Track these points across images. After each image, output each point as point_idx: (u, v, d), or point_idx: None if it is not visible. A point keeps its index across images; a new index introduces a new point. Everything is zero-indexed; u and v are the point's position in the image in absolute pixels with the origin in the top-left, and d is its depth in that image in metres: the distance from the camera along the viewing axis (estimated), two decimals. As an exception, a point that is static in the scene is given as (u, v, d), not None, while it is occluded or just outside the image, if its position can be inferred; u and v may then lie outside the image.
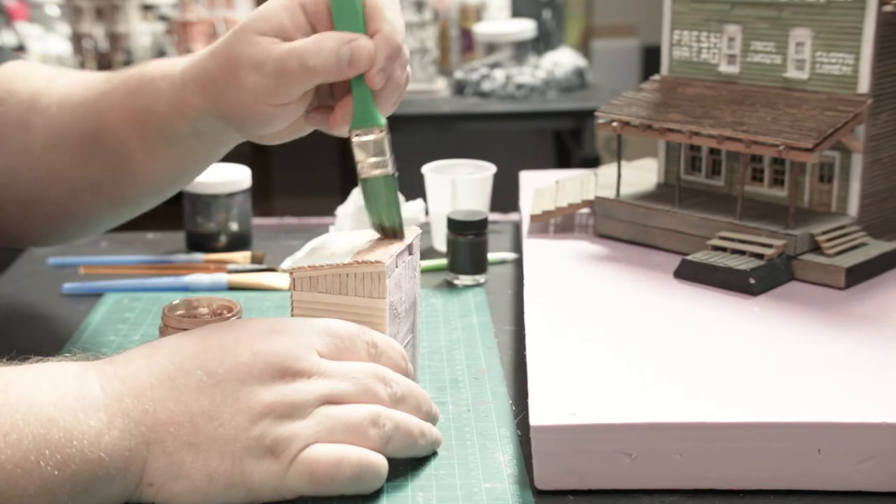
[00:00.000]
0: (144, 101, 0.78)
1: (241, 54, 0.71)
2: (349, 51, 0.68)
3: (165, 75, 0.77)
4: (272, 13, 0.71)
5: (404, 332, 0.73)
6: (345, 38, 0.69)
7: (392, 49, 0.70)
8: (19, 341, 0.83)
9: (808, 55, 0.91)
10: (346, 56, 0.68)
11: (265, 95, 0.70)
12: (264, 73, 0.69)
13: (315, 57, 0.68)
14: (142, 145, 0.80)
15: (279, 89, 0.70)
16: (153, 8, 2.85)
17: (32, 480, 0.54)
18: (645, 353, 0.72)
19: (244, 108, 0.72)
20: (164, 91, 0.77)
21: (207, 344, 0.61)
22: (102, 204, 0.86)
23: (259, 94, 0.70)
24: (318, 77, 0.69)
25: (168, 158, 0.82)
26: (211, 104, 0.74)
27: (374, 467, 0.60)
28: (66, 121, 0.83)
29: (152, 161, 0.82)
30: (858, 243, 0.88)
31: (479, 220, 0.96)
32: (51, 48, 2.92)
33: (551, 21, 2.70)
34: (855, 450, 0.60)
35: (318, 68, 0.68)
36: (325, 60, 0.68)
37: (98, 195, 0.85)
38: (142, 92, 0.79)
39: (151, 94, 0.78)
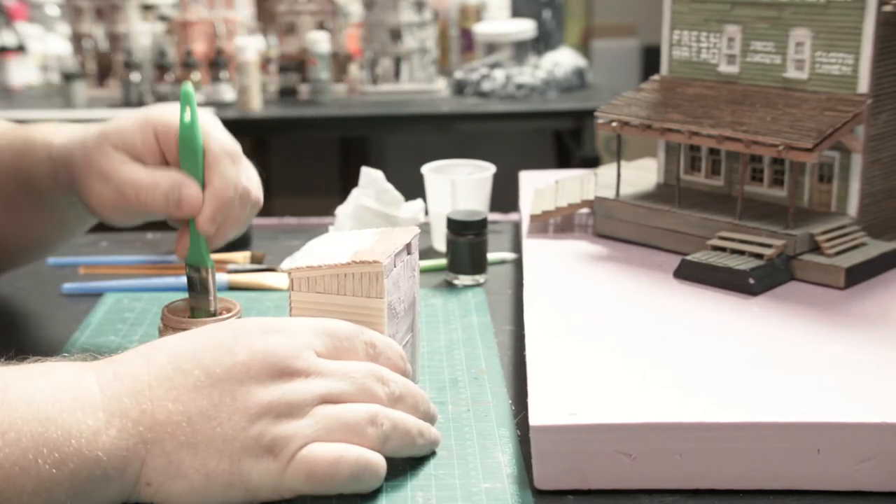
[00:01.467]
0: (27, 165, 0.84)
1: (94, 161, 0.77)
2: (178, 197, 0.75)
3: (45, 145, 0.83)
4: (127, 131, 0.77)
5: (403, 332, 0.73)
6: (178, 182, 0.75)
7: (219, 203, 0.75)
8: (19, 341, 0.83)
9: (808, 55, 0.91)
10: (174, 200, 0.75)
11: (107, 209, 0.77)
12: (109, 188, 0.76)
13: (148, 194, 0.75)
14: (27, 206, 0.85)
15: (121, 206, 0.77)
16: (153, 8, 2.85)
17: (30, 479, 0.54)
18: (645, 352, 0.72)
19: (94, 210, 0.79)
20: (42, 161, 0.82)
21: (206, 344, 0.61)
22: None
23: (103, 206, 0.77)
24: (151, 211, 0.76)
25: (49, 218, 0.87)
26: (73, 187, 0.80)
27: (373, 466, 0.60)
28: None
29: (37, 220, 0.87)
30: (858, 243, 0.88)
31: (478, 220, 0.96)
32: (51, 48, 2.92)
33: (551, 21, 2.70)
34: (855, 450, 0.60)
35: (149, 204, 0.75)
36: (156, 200, 0.75)
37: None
38: (25, 156, 0.84)
39: (33, 160, 0.83)
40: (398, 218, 1.03)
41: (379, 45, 2.57)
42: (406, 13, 2.55)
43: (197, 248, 0.76)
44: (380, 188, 1.03)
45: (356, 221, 1.03)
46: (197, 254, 0.76)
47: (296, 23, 2.67)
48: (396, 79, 2.60)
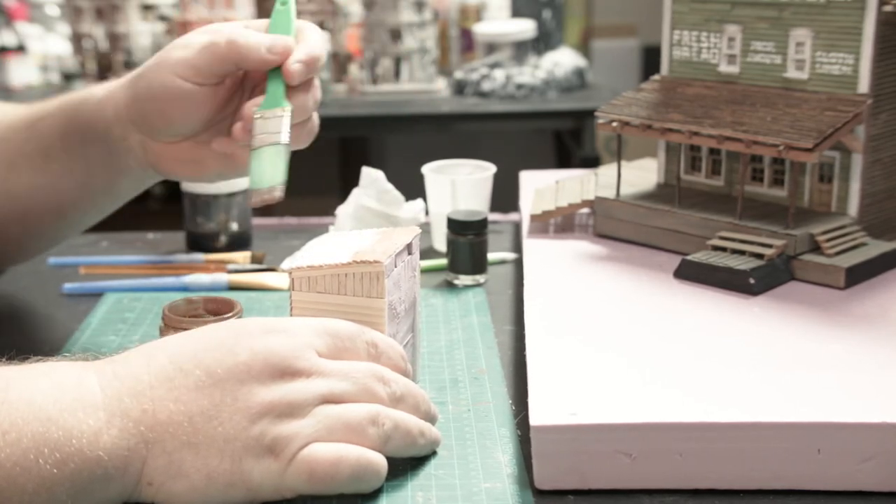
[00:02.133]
0: (73, 106, 0.84)
1: (175, 42, 0.80)
2: (272, 40, 0.78)
3: (104, 84, 0.84)
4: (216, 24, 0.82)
5: (404, 332, 0.73)
6: (272, 35, 0.79)
7: (312, 53, 0.78)
8: (19, 341, 0.83)
9: (808, 55, 0.91)
10: (268, 42, 0.77)
11: (186, 69, 0.78)
12: (191, 50, 0.78)
13: (242, 37, 0.77)
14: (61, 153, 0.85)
15: (202, 64, 0.77)
16: (153, 8, 2.85)
17: (31, 479, 0.54)
18: (645, 352, 0.72)
19: (162, 87, 0.78)
20: (94, 93, 0.84)
21: (207, 343, 0.61)
22: (12, 223, 0.88)
23: (181, 68, 0.78)
24: (241, 58, 0.77)
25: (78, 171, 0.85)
26: (131, 93, 0.80)
27: (374, 466, 0.60)
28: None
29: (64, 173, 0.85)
30: (858, 243, 0.88)
31: (479, 220, 0.96)
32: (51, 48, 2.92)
33: (551, 21, 2.70)
34: (855, 450, 0.60)
35: (241, 46, 0.77)
36: (249, 40, 0.77)
37: (9, 212, 0.87)
38: (76, 100, 0.85)
39: (84, 98, 0.84)
40: (398, 218, 1.03)
41: (379, 45, 2.57)
42: (406, 13, 2.55)
43: (274, 94, 0.77)
44: (380, 188, 1.03)
45: (356, 221, 1.04)
46: (274, 98, 0.77)
47: (296, 23, 2.67)
48: (396, 79, 2.60)
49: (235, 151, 0.80)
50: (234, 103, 0.82)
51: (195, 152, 0.82)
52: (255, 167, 0.74)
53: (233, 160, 0.81)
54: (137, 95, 0.80)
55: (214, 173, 0.84)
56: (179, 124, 0.80)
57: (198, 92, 0.78)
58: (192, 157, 0.82)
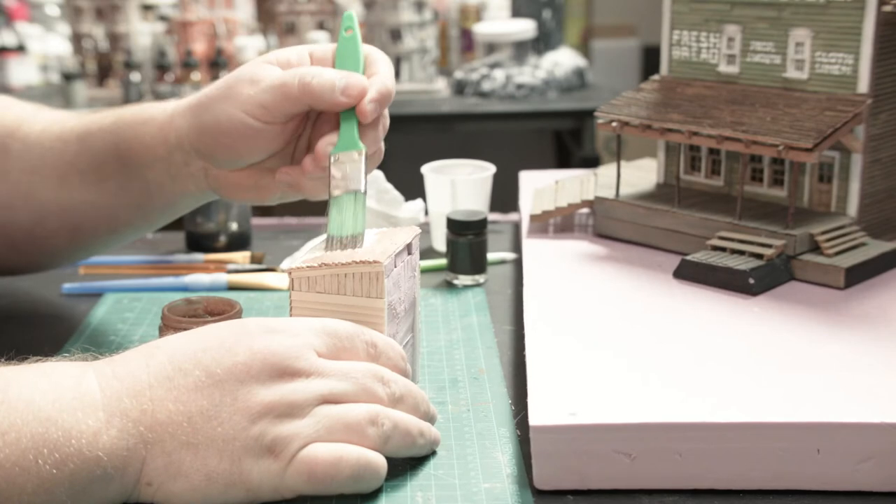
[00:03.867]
0: (131, 128, 0.82)
1: (243, 73, 0.77)
2: (345, 80, 0.74)
3: (160, 106, 0.82)
4: (283, 52, 0.78)
5: (404, 332, 0.73)
6: (344, 72, 0.76)
7: (385, 91, 0.76)
8: (19, 341, 0.83)
9: (808, 55, 0.91)
10: (342, 84, 0.74)
11: (256, 108, 0.75)
12: (262, 87, 0.75)
13: (314, 77, 0.74)
14: (116, 172, 0.83)
15: (273, 104, 0.75)
16: (153, 8, 2.85)
17: (31, 479, 0.54)
18: (644, 353, 0.72)
19: (230, 121, 0.76)
20: (154, 115, 0.81)
21: (206, 344, 0.61)
22: (63, 233, 0.87)
23: (250, 106, 0.75)
24: (313, 99, 0.74)
25: (135, 191, 0.83)
26: (195, 122, 0.78)
27: (373, 466, 0.60)
28: (47, 146, 0.85)
29: (120, 191, 0.84)
30: (858, 243, 0.88)
31: (478, 220, 0.96)
32: (51, 48, 2.93)
33: (551, 21, 2.70)
34: (855, 450, 0.60)
35: (314, 89, 0.74)
36: (322, 83, 0.74)
37: (61, 223, 0.86)
38: (133, 119, 0.82)
39: (142, 118, 0.82)
40: (398, 218, 1.03)
41: (379, 45, 2.57)
42: (406, 13, 2.55)
43: (349, 135, 0.75)
44: (380, 188, 1.03)
45: (356, 221, 1.03)
46: (349, 139, 0.75)
47: (296, 23, 2.68)
48: (396, 79, 2.60)
49: (301, 181, 0.78)
50: (300, 131, 0.80)
51: (259, 179, 0.80)
52: (335, 215, 0.73)
53: (297, 187, 0.79)
54: (203, 127, 0.77)
55: (276, 198, 0.82)
56: (246, 157, 0.78)
57: (267, 129, 0.76)
58: (256, 184, 0.80)
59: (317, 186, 0.77)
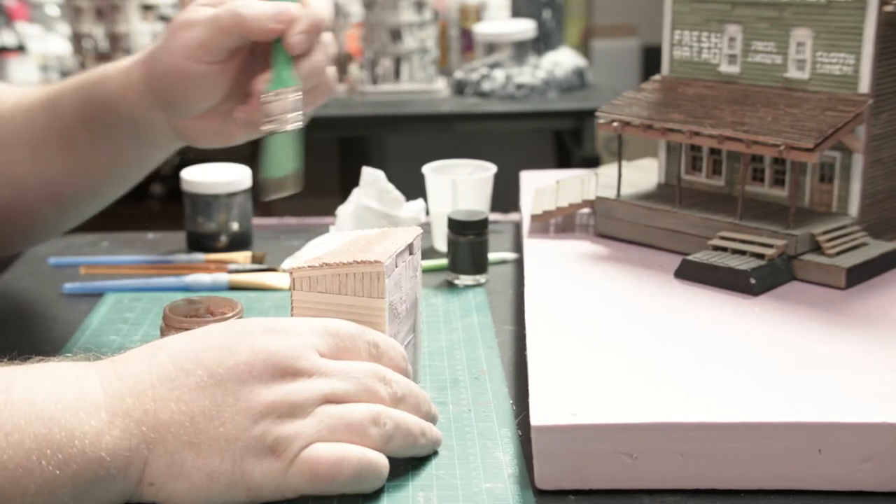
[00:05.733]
0: (93, 89, 0.84)
1: (179, 20, 0.79)
2: (275, 7, 0.76)
3: (117, 64, 0.84)
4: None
5: (405, 332, 0.73)
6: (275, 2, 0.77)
7: (314, 20, 0.77)
8: (20, 341, 0.83)
9: (809, 55, 0.91)
10: (271, 11, 0.76)
11: (196, 49, 0.77)
12: (197, 28, 0.77)
13: (244, 8, 0.76)
14: (86, 134, 0.85)
15: (209, 41, 0.77)
16: (153, 8, 2.84)
17: (34, 480, 0.54)
18: (645, 353, 0.72)
19: (174, 70, 0.78)
20: (111, 76, 0.84)
21: (208, 343, 0.61)
22: (46, 204, 0.89)
23: (189, 49, 0.77)
24: (246, 30, 0.76)
25: (107, 151, 0.86)
26: (148, 76, 0.80)
27: (375, 466, 0.60)
28: (20, 121, 0.87)
29: (93, 153, 0.86)
30: (859, 243, 0.88)
31: (479, 220, 0.96)
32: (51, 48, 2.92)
33: (551, 21, 2.69)
34: (855, 450, 0.60)
35: (245, 19, 0.76)
36: (252, 11, 0.76)
37: (43, 194, 0.88)
38: (92, 81, 0.85)
39: (101, 80, 0.84)
40: (399, 218, 1.03)
41: (379, 45, 2.57)
42: (406, 13, 2.54)
43: (281, 72, 0.75)
44: (380, 188, 1.03)
45: (356, 221, 1.03)
46: (282, 76, 0.75)
47: (296, 23, 2.67)
48: (396, 79, 2.60)
49: (257, 119, 0.80)
50: (249, 69, 0.82)
51: (220, 123, 0.83)
52: (267, 157, 0.74)
53: (255, 125, 0.81)
54: (154, 79, 0.80)
55: (243, 138, 0.85)
56: (198, 102, 0.81)
57: (210, 70, 0.78)
58: (219, 129, 0.83)
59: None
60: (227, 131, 0.83)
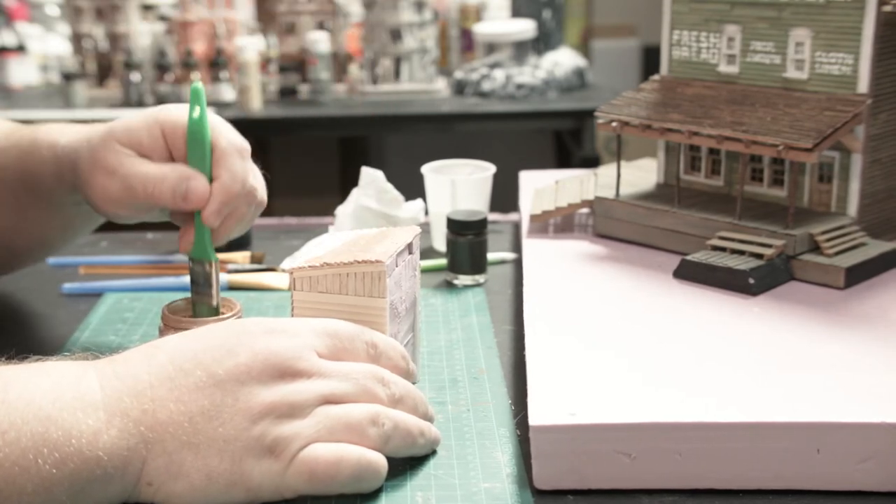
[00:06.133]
0: (33, 165, 0.83)
1: (100, 157, 0.77)
2: (185, 189, 0.74)
3: (51, 145, 0.83)
4: (134, 128, 0.77)
5: (405, 331, 0.73)
6: (186, 175, 0.75)
7: (226, 197, 0.75)
8: (19, 341, 0.83)
9: (808, 55, 0.91)
10: (181, 193, 0.74)
11: (112, 204, 0.77)
12: (114, 182, 0.76)
13: (155, 187, 0.75)
14: (33, 203, 0.85)
15: (125, 200, 0.76)
16: (153, 8, 2.85)
17: (30, 478, 0.54)
18: (644, 352, 0.72)
19: (96, 206, 0.78)
20: (47, 160, 0.82)
21: (207, 344, 0.61)
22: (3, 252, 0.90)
23: (108, 201, 0.77)
24: (157, 204, 0.75)
25: (53, 213, 0.87)
26: (78, 186, 0.79)
27: (374, 466, 0.60)
28: None
29: (43, 219, 0.87)
30: (858, 243, 0.88)
31: (478, 220, 0.96)
32: (51, 48, 2.92)
33: (551, 21, 2.70)
34: (854, 450, 0.60)
35: (156, 197, 0.75)
36: (164, 192, 0.74)
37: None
38: (31, 156, 0.84)
39: (39, 160, 0.83)
40: (398, 218, 1.03)
41: (379, 45, 2.57)
42: (406, 13, 2.55)
43: (201, 242, 0.76)
44: (380, 188, 1.03)
45: (356, 221, 1.04)
46: (201, 248, 0.76)
47: (296, 23, 2.67)
48: (396, 79, 2.60)
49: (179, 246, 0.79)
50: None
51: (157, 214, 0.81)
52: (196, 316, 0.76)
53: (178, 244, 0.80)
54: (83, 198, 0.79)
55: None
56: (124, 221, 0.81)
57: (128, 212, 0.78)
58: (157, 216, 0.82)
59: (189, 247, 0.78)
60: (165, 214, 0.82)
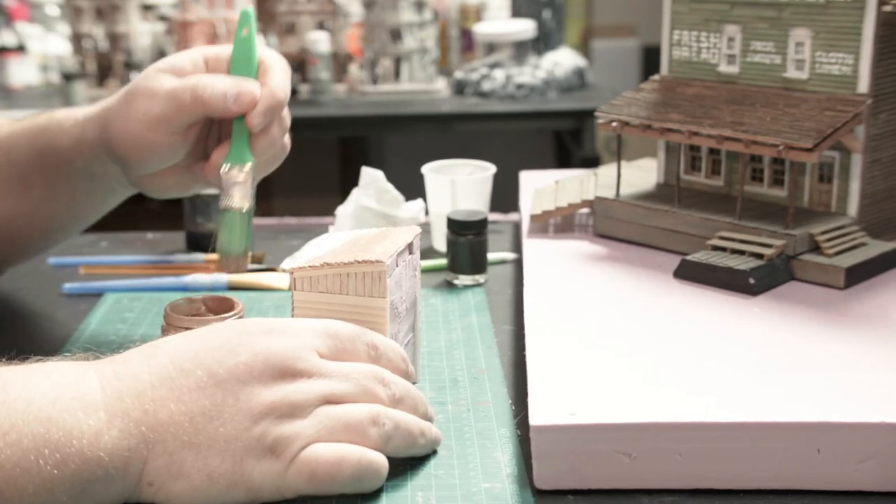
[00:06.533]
0: (47, 138, 0.84)
1: (139, 87, 0.78)
2: (237, 91, 0.76)
3: (69, 116, 0.84)
4: (176, 59, 0.80)
5: (405, 331, 0.73)
6: (236, 80, 0.78)
7: (274, 102, 0.77)
8: (19, 341, 0.83)
9: (808, 55, 0.91)
10: (233, 94, 0.76)
11: (155, 122, 0.77)
12: (157, 100, 0.77)
13: (205, 89, 0.76)
14: (41, 180, 0.85)
15: (170, 117, 0.76)
16: (153, 8, 2.85)
17: (32, 479, 0.54)
18: (645, 352, 0.72)
19: (133, 138, 0.78)
20: (66, 129, 0.83)
21: (208, 344, 0.61)
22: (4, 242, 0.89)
23: (150, 121, 0.77)
24: (206, 109, 0.76)
25: (62, 197, 0.87)
26: (104, 137, 0.80)
27: (375, 466, 0.60)
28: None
29: (48, 199, 0.87)
30: (858, 243, 0.88)
31: (478, 220, 0.96)
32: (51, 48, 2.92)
33: (551, 21, 2.70)
34: (854, 450, 0.60)
35: (206, 100, 0.76)
36: (214, 93, 0.76)
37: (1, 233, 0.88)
38: (46, 130, 0.84)
39: (55, 130, 0.84)
40: (398, 218, 1.03)
41: (379, 45, 2.57)
42: (406, 13, 2.55)
43: (239, 148, 0.76)
44: (380, 188, 1.03)
45: (356, 221, 1.04)
46: (239, 153, 0.76)
47: (296, 23, 2.67)
48: (396, 79, 2.60)
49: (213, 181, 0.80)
50: (205, 133, 0.82)
51: (178, 176, 0.83)
52: (223, 233, 0.77)
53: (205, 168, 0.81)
54: (109, 142, 0.80)
55: (199, 190, 0.86)
56: (155, 165, 0.81)
57: (169, 139, 0.78)
58: (176, 182, 0.83)
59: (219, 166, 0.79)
60: (183, 183, 0.83)
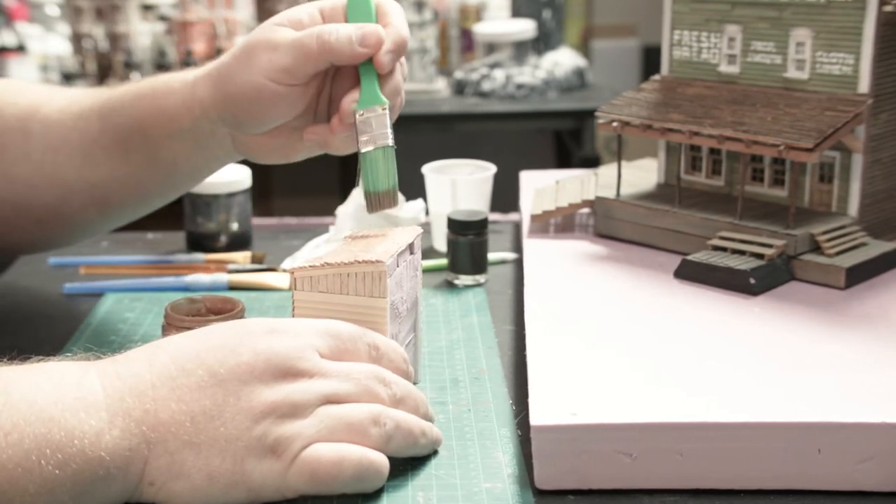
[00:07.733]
0: (153, 99, 0.83)
1: (258, 40, 0.77)
2: (362, 34, 0.76)
3: (178, 77, 0.83)
4: (293, 12, 0.79)
5: (406, 332, 0.73)
6: (359, 24, 0.77)
7: (399, 39, 0.77)
8: (20, 341, 0.83)
9: (809, 55, 0.91)
10: (358, 36, 0.76)
11: (277, 73, 0.76)
12: (281, 52, 0.76)
13: (331, 34, 0.76)
14: (142, 144, 0.84)
15: (294, 66, 0.76)
16: (153, 8, 2.85)
17: (33, 480, 0.54)
18: (645, 352, 0.72)
19: (255, 90, 0.77)
20: (175, 89, 0.82)
21: (209, 344, 0.61)
22: (91, 208, 0.88)
23: (272, 72, 0.76)
24: (333, 55, 0.76)
25: (163, 162, 0.85)
26: (218, 94, 0.79)
27: (375, 466, 0.60)
28: (69, 126, 0.86)
29: (147, 163, 0.85)
30: (858, 243, 0.88)
31: (479, 220, 0.96)
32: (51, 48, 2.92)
33: (551, 21, 2.70)
34: (855, 450, 0.60)
35: (333, 45, 0.75)
36: (340, 38, 0.76)
37: (89, 199, 0.87)
38: (152, 91, 0.83)
39: (163, 91, 0.83)
40: (399, 218, 1.03)
41: (379, 45, 2.57)
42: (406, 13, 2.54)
43: (370, 91, 0.76)
44: (380, 188, 1.03)
45: (356, 221, 1.04)
46: (370, 95, 0.76)
47: (296, 23, 2.67)
48: (396, 79, 2.60)
49: (329, 139, 0.80)
50: (321, 88, 0.82)
51: (286, 139, 0.82)
52: (369, 172, 0.76)
53: (325, 146, 0.81)
54: (227, 97, 0.79)
55: (304, 156, 0.84)
56: (271, 121, 0.80)
57: (290, 91, 0.77)
58: (283, 144, 0.82)
59: (344, 142, 0.79)
60: (291, 147, 0.82)
